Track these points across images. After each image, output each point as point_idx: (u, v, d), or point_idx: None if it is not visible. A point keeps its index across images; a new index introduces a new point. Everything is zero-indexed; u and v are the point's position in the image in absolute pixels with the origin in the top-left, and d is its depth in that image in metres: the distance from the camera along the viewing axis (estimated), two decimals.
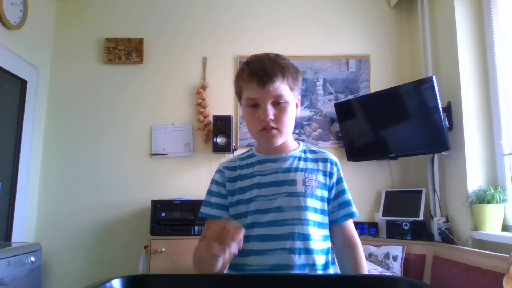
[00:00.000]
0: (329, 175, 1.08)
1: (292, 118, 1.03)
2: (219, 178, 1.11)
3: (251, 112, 1.02)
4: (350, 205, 1.09)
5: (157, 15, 3.20)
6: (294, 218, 1.00)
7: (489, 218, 2.11)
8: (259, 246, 0.99)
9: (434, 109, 2.38)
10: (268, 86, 0.97)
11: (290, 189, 1.02)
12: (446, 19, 2.55)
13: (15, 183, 2.68)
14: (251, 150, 1.15)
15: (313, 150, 1.13)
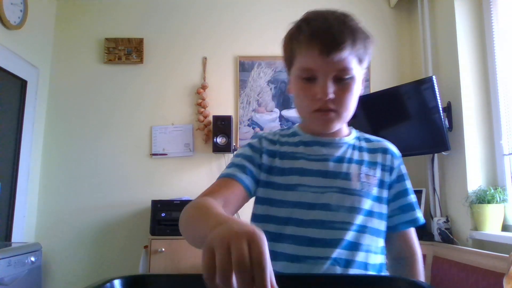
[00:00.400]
0: (389, 170, 0.88)
1: (356, 99, 0.81)
2: (256, 143, 0.89)
3: (304, 87, 0.79)
4: (413, 209, 0.87)
5: (157, 15, 3.20)
6: (345, 221, 0.79)
7: (489, 218, 2.11)
8: (294, 250, 0.78)
9: (434, 109, 2.38)
10: (333, 56, 0.74)
11: (344, 184, 0.82)
12: (446, 19, 2.55)
13: (15, 183, 2.68)
14: (293, 127, 0.94)
15: (368, 138, 0.93)
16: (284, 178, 0.83)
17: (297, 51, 0.80)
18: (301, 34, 0.79)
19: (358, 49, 0.77)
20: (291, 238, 0.79)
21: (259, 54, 3.11)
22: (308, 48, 0.76)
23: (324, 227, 0.79)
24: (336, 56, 0.74)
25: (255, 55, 3.12)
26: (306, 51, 0.77)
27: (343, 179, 0.82)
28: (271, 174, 0.85)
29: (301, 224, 0.79)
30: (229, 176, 0.82)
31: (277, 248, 0.79)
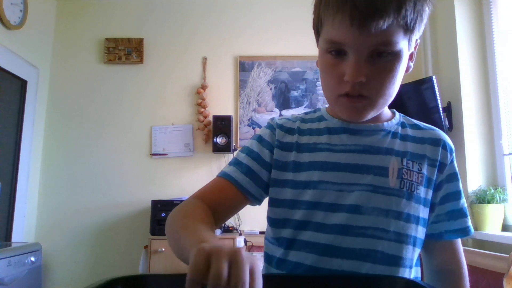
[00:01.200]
0: (438, 167, 0.70)
1: (398, 81, 0.66)
2: (267, 136, 0.74)
3: (331, 63, 0.63)
4: (464, 216, 0.71)
5: (157, 15, 3.20)
6: (377, 227, 0.64)
7: (489, 218, 2.11)
8: (315, 261, 0.64)
9: (434, 109, 2.38)
10: (370, 26, 0.56)
11: (377, 180, 0.66)
12: (446, 19, 2.55)
13: (15, 183, 2.68)
14: (319, 110, 0.78)
15: (417, 124, 0.76)
16: (302, 174, 0.68)
17: (324, 18, 0.62)
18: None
19: (406, 15, 0.58)
20: (309, 246, 0.65)
21: (259, 54, 3.11)
22: (336, 16, 0.59)
23: (350, 234, 0.64)
24: (372, 27, 0.56)
25: (255, 55, 3.11)
26: (334, 19, 0.59)
27: (376, 174, 0.66)
28: (286, 170, 0.70)
29: (322, 229, 0.65)
30: (225, 177, 0.71)
31: (292, 257, 0.66)
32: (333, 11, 0.59)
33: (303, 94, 3.08)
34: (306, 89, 3.09)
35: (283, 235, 0.68)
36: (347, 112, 0.66)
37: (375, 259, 0.63)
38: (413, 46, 0.66)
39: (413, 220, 0.66)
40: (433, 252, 0.73)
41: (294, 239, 0.66)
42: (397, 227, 0.65)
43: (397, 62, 0.62)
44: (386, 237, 0.64)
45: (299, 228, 0.66)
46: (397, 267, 0.64)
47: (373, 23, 0.56)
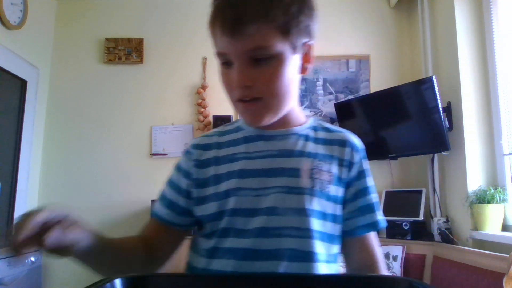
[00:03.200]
0: (347, 165, 0.74)
1: (288, 82, 0.66)
2: (183, 163, 0.77)
3: (224, 73, 0.68)
4: (374, 210, 0.75)
5: (157, 15, 3.20)
6: (292, 226, 0.67)
7: (489, 218, 2.11)
8: (235, 266, 0.65)
9: (434, 109, 2.38)
10: (238, 32, 0.61)
11: (290, 181, 0.69)
12: (446, 19, 2.55)
13: (15, 183, 2.68)
14: (239, 121, 0.81)
15: (328, 128, 0.79)
16: (222, 185, 0.70)
17: (210, 34, 0.70)
18: (210, 13, 0.68)
19: (276, 19, 0.61)
20: (230, 252, 0.66)
21: None
22: (214, 29, 0.66)
23: (268, 236, 0.66)
24: (240, 33, 0.60)
25: None
26: (213, 33, 0.67)
27: (290, 176, 0.69)
28: (207, 186, 0.72)
29: (241, 234, 0.66)
30: (153, 215, 0.78)
31: (215, 266, 0.67)
32: (211, 26, 0.67)
33: (303, 94, 3.08)
34: (306, 89, 3.09)
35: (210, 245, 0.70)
36: (246, 117, 0.70)
37: (291, 257, 0.65)
38: (300, 47, 0.67)
39: (325, 217, 0.69)
40: (349, 249, 0.75)
41: (216, 247, 0.68)
42: (310, 224, 0.67)
43: (280, 65, 0.64)
44: (300, 235, 0.67)
45: (221, 236, 0.68)
46: (312, 263, 0.66)
47: (241, 30, 0.60)
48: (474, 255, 2.03)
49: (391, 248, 2.54)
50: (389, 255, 2.52)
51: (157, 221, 0.76)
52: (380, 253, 0.75)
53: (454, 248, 2.26)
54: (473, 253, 2.05)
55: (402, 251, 2.50)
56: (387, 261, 2.51)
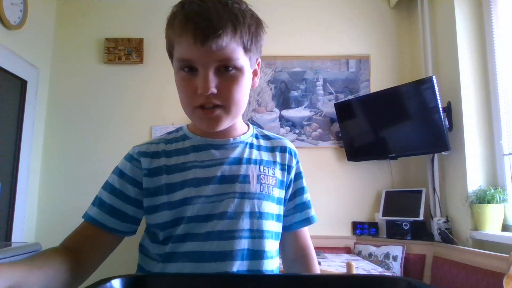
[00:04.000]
0: (287, 170, 0.82)
1: (246, 93, 0.72)
2: (128, 169, 0.76)
3: (185, 80, 0.69)
4: (308, 207, 0.85)
5: (157, 15, 3.20)
6: (244, 228, 0.72)
7: (489, 218, 2.11)
8: (192, 268, 0.69)
9: (434, 109, 2.38)
10: (211, 43, 0.64)
11: (242, 188, 0.74)
12: (446, 19, 2.55)
13: (15, 183, 2.68)
14: (181, 129, 0.82)
15: (267, 135, 0.86)
16: (177, 194, 0.72)
17: (173, 40, 0.69)
18: (176, 20, 0.68)
19: (243, 35, 0.67)
20: (187, 256, 0.70)
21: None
22: (182, 36, 0.66)
23: (223, 239, 0.70)
24: (213, 44, 0.64)
25: None
26: (180, 39, 0.67)
27: (241, 182, 0.74)
28: (159, 194, 0.73)
29: (197, 238, 0.70)
30: (89, 220, 0.75)
31: (173, 269, 0.70)
32: (179, 33, 0.67)
33: (303, 94, 3.08)
34: (306, 89, 3.09)
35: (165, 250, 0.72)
36: (204, 123, 0.71)
37: (243, 256, 0.71)
38: (254, 64, 0.75)
39: (271, 217, 0.76)
40: (286, 242, 0.84)
41: (173, 252, 0.71)
42: (260, 225, 0.74)
43: (241, 76, 0.69)
44: (251, 235, 0.73)
45: (178, 241, 0.71)
46: (261, 260, 0.73)
47: (213, 41, 0.64)
48: (474, 255, 2.03)
49: (391, 248, 2.54)
50: (389, 255, 2.52)
51: (94, 227, 0.74)
52: (312, 246, 0.86)
53: (454, 248, 2.26)
54: (473, 253, 2.05)
55: (402, 251, 2.51)
56: (387, 261, 2.51)
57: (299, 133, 3.04)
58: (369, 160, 2.94)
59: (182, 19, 0.66)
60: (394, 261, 2.49)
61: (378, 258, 2.55)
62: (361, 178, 2.97)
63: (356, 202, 2.95)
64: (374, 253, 2.59)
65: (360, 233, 2.85)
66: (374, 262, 2.49)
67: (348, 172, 2.98)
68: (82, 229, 0.75)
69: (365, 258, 2.59)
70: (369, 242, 2.72)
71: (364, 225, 2.86)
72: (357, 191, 2.95)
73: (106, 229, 0.73)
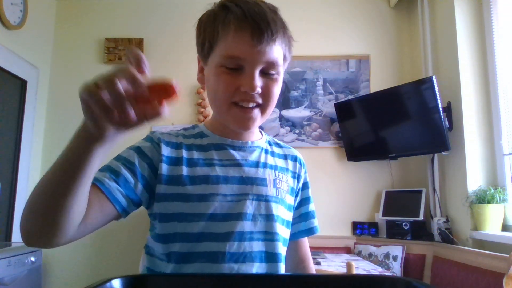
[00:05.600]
0: (297, 178, 0.85)
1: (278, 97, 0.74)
2: (148, 150, 0.72)
3: (226, 78, 0.68)
4: (313, 217, 0.87)
5: (157, 15, 3.20)
6: (262, 230, 0.73)
7: (489, 218, 2.11)
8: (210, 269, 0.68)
9: (434, 109, 2.38)
10: (266, 45, 0.66)
11: (259, 190, 0.75)
12: (446, 19, 2.55)
13: (15, 183, 2.68)
14: (197, 126, 0.82)
15: (279, 144, 0.88)
16: (195, 187, 0.71)
17: (222, 34, 0.67)
18: (229, 15, 0.66)
19: (285, 45, 0.71)
20: (204, 256, 0.68)
21: None
22: (237, 32, 0.65)
23: (242, 239, 0.70)
24: (267, 46, 0.66)
25: None
26: (235, 34, 0.66)
27: (259, 185, 0.75)
28: (176, 184, 0.71)
29: (216, 238, 0.69)
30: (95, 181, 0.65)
31: (188, 269, 0.68)
32: (234, 28, 0.66)
33: (303, 94, 3.08)
34: (306, 89, 3.09)
35: (173, 249, 0.69)
36: (239, 122, 0.72)
37: (262, 259, 0.72)
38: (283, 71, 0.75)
39: (282, 222, 0.77)
40: (289, 252, 0.82)
41: (189, 252, 0.69)
42: (274, 228, 0.75)
43: (280, 81, 0.72)
44: (268, 238, 0.74)
45: (194, 240, 0.69)
46: (277, 263, 0.74)
47: (268, 43, 0.66)
48: (474, 255, 2.03)
49: (391, 248, 2.54)
50: (389, 255, 2.52)
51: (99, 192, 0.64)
52: (310, 255, 0.88)
53: (454, 248, 2.26)
54: (473, 253, 2.05)
55: (402, 251, 2.51)
56: (387, 261, 2.51)
57: (299, 133, 3.04)
58: (369, 160, 2.94)
59: (241, 16, 0.66)
60: (394, 261, 2.49)
61: (378, 258, 2.55)
62: (361, 178, 2.97)
63: (356, 202, 2.95)
64: (374, 253, 2.59)
65: (360, 233, 2.85)
66: (374, 262, 2.49)
67: (348, 172, 2.98)
68: None
69: (365, 258, 2.59)
70: (369, 242, 2.72)
71: (364, 225, 2.86)
72: (357, 191, 2.95)
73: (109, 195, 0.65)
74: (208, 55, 0.71)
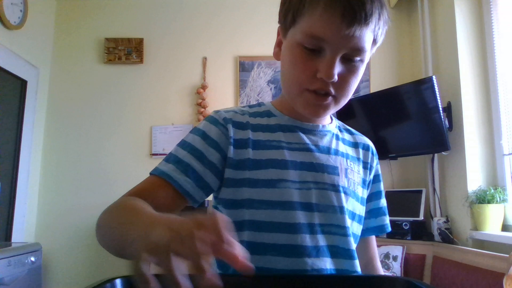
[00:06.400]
0: (369, 169, 0.77)
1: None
2: (213, 133, 0.68)
3: (304, 58, 0.62)
4: (384, 214, 0.78)
5: (157, 15, 3.20)
6: (333, 224, 0.66)
7: (489, 218, 2.11)
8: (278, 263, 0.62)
9: (434, 109, 2.38)
10: (356, 28, 0.57)
11: (331, 179, 0.67)
12: (446, 19, 2.55)
13: (15, 183, 2.68)
14: (263, 104, 0.77)
15: (350, 130, 0.80)
16: (261, 172, 0.65)
17: (309, 9, 0.59)
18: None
19: (379, 27, 0.61)
20: (275, 248, 0.63)
21: (259, 54, 3.11)
22: (327, 10, 0.57)
23: (313, 232, 0.64)
24: (357, 30, 0.57)
25: (255, 55, 3.11)
26: (323, 13, 0.58)
27: (330, 173, 0.68)
28: (243, 169, 0.66)
29: (287, 229, 0.63)
30: (163, 176, 0.64)
31: (258, 262, 0.62)
32: (323, 5, 0.58)
33: None
34: None
35: (242, 238, 0.64)
36: (309, 108, 0.65)
37: (336, 254, 0.65)
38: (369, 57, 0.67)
39: (354, 217, 0.70)
40: (359, 249, 0.74)
41: (258, 242, 0.63)
42: (346, 222, 0.67)
43: (362, 68, 0.64)
44: (341, 232, 0.66)
45: (260, 229, 0.64)
46: (353, 260, 0.67)
47: (359, 27, 0.57)
48: (474, 255, 2.03)
49: (391, 248, 2.54)
50: (389, 255, 2.52)
51: (165, 185, 0.63)
52: (377, 254, 0.81)
53: (454, 248, 2.26)
54: (473, 253, 2.05)
55: (402, 251, 2.50)
56: (387, 261, 2.51)
57: None
58: None
59: None
60: (394, 261, 2.49)
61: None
62: None
63: None
64: None
65: None
66: None
67: None
68: (149, 185, 0.65)
69: None
70: None
71: None
72: None
73: (180, 190, 0.63)
74: (289, 28, 0.64)
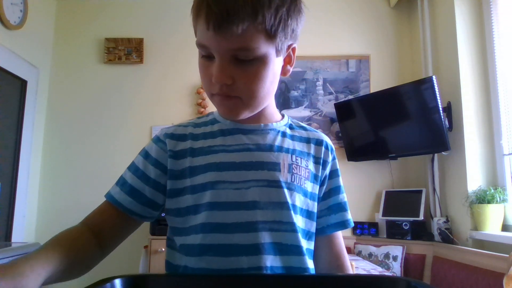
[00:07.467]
0: (322, 164, 0.75)
1: (269, 84, 0.65)
2: (153, 151, 0.76)
3: (203, 65, 0.65)
4: (345, 209, 0.76)
5: (157, 15, 3.20)
6: (275, 220, 0.66)
7: (489, 218, 2.11)
8: (217, 263, 0.64)
9: (434, 109, 2.38)
10: (225, 30, 0.57)
11: (271, 175, 0.67)
12: (446, 19, 2.55)
13: (15, 183, 2.68)
14: (212, 113, 0.78)
15: (303, 127, 0.79)
16: (199, 177, 0.67)
17: (194, 24, 0.63)
18: (195, 3, 0.62)
19: (264, 20, 0.58)
20: (212, 249, 0.64)
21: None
22: (198, 20, 0.61)
23: (251, 230, 0.64)
24: (227, 31, 0.57)
25: None
26: (196, 23, 0.62)
27: (270, 170, 0.68)
28: (183, 178, 0.69)
29: (222, 229, 0.64)
30: (109, 199, 0.72)
31: (195, 263, 0.65)
32: (195, 16, 0.61)
33: (303, 94, 3.08)
34: (306, 89, 3.09)
35: (185, 242, 0.68)
36: (222, 110, 0.67)
37: (282, 251, 0.65)
38: (285, 50, 0.66)
39: (302, 212, 0.69)
40: (320, 250, 0.74)
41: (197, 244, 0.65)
42: (290, 218, 0.66)
43: (263, 67, 0.62)
44: (282, 228, 0.66)
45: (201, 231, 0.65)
46: (300, 256, 0.66)
47: (227, 28, 0.57)
48: (474, 255, 2.04)
49: (391, 248, 2.54)
50: (389, 255, 2.52)
51: (114, 208, 0.71)
52: (346, 253, 0.77)
53: (454, 248, 2.26)
54: (473, 253, 2.05)
55: (402, 251, 2.51)
56: (387, 261, 2.51)
57: None
58: (369, 160, 2.94)
59: (198, 1, 0.60)
60: (394, 261, 2.49)
61: (378, 258, 2.55)
62: (361, 178, 2.97)
63: (356, 202, 2.95)
64: (374, 253, 2.59)
65: (360, 233, 2.85)
66: (374, 262, 2.49)
67: (348, 172, 2.98)
68: (103, 208, 0.73)
69: (365, 258, 2.59)
70: (369, 242, 2.72)
71: (364, 225, 2.86)
72: (357, 191, 2.95)
73: (124, 210, 0.70)
74: None
